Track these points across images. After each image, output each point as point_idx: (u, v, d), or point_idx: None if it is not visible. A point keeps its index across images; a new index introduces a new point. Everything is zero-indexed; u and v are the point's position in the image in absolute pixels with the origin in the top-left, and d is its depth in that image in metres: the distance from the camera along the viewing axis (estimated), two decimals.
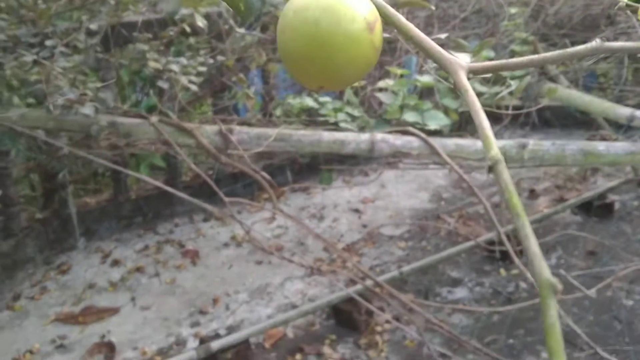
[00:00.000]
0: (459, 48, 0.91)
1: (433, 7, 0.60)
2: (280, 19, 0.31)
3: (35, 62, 1.63)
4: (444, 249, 2.71)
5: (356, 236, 2.97)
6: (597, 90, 3.07)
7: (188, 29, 1.82)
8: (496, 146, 0.29)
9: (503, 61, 0.32)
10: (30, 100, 2.75)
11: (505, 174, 0.29)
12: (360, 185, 3.34)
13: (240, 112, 3.06)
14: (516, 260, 1.84)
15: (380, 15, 0.31)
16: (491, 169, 0.29)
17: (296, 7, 0.30)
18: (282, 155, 2.37)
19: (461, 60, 0.30)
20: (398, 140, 1.79)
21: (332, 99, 2.28)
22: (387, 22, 0.31)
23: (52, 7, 1.92)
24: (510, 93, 1.14)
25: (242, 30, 2.00)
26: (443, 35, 0.76)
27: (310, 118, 2.29)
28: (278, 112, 2.50)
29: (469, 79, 0.30)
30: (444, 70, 0.30)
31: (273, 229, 3.02)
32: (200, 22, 1.48)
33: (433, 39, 0.84)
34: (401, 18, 0.31)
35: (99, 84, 1.85)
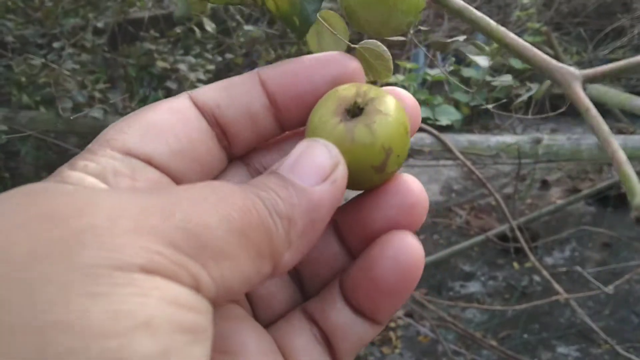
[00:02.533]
0: (477, 50, 0.88)
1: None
2: None
3: (43, 65, 1.62)
4: (455, 242, 2.69)
5: None
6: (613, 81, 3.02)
7: (197, 31, 1.79)
8: None
9: (622, 63, 0.26)
10: (38, 98, 2.76)
11: None
12: None
13: None
14: (530, 254, 1.81)
15: (465, 20, 0.29)
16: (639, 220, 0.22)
17: None
18: None
19: (574, 70, 0.25)
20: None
21: None
22: (475, 28, 0.28)
23: (58, 6, 1.90)
24: (531, 97, 1.11)
25: (250, 27, 1.97)
26: (461, 38, 0.73)
27: None
28: None
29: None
30: (553, 82, 0.26)
31: None
32: (209, 27, 1.45)
33: (451, 41, 0.81)
34: (491, 22, 0.28)
35: (107, 84, 1.83)
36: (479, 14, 0.29)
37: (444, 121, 1.90)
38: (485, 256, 2.66)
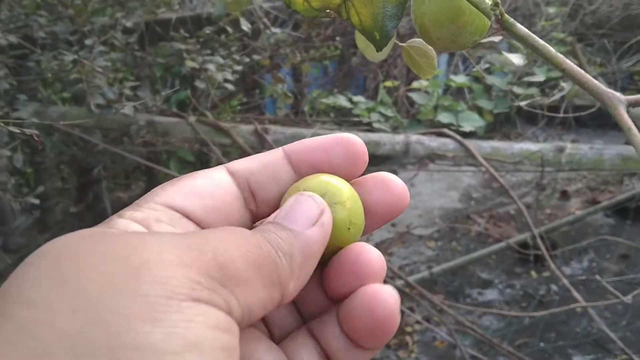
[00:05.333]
0: (513, 49, 0.90)
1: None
2: None
3: (74, 62, 1.65)
4: (474, 249, 2.70)
5: (385, 235, 2.97)
6: (633, 91, 3.02)
7: (229, 30, 1.82)
8: None
9: None
10: (65, 95, 2.80)
11: None
12: None
13: (267, 109, 3.06)
14: (550, 262, 1.82)
15: (528, 46, 0.32)
16: None
17: None
18: None
19: (620, 95, 0.29)
20: (433, 142, 1.78)
21: (365, 99, 2.27)
22: (537, 53, 0.31)
23: (88, 4, 1.93)
24: (562, 97, 1.13)
25: (276, 30, 2.00)
26: (497, 39, 0.75)
27: (344, 117, 2.29)
28: (306, 109, 2.50)
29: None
30: (602, 104, 0.30)
31: None
32: (245, 26, 1.48)
33: (487, 41, 0.83)
34: (552, 49, 0.31)
35: (135, 82, 1.86)
36: (541, 41, 0.32)
37: (467, 127, 1.91)
38: (503, 264, 2.66)
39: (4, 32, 1.80)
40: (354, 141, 0.31)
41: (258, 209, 0.30)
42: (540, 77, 0.88)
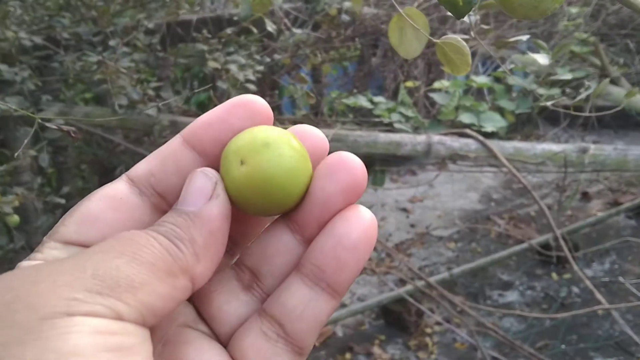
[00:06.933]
0: (538, 49, 0.89)
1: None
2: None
3: (99, 62, 1.67)
4: (494, 251, 2.68)
5: (404, 236, 2.96)
6: None
7: (253, 29, 1.83)
8: None
9: None
10: (86, 95, 2.82)
11: None
12: (409, 185, 3.32)
13: (284, 109, 3.07)
14: (573, 263, 1.81)
15: None
16: None
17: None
18: None
19: None
20: (455, 143, 1.78)
21: (386, 99, 2.27)
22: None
23: (110, 6, 1.95)
24: (586, 98, 1.12)
25: (298, 30, 2.00)
26: (524, 37, 0.75)
27: (363, 118, 2.28)
28: (326, 110, 2.50)
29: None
30: None
31: None
32: (270, 27, 1.48)
33: (513, 40, 0.83)
34: None
35: (158, 83, 1.88)
36: None
37: (489, 128, 1.90)
38: (524, 266, 2.65)
39: (28, 34, 1.83)
40: (253, 99, 0.30)
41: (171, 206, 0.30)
42: (567, 76, 0.88)
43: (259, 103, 0.30)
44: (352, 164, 0.29)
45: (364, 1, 2.43)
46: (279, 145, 0.28)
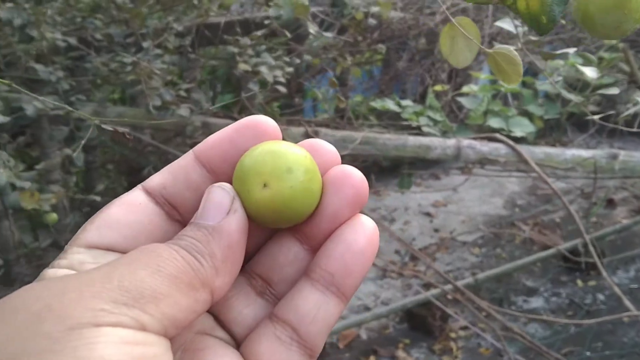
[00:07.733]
0: (586, 63, 0.90)
1: None
2: None
3: (133, 63, 1.69)
4: (518, 257, 2.67)
5: (428, 240, 2.96)
6: None
7: (287, 33, 1.84)
8: None
9: None
10: (115, 96, 2.85)
11: None
12: (433, 189, 3.32)
13: (306, 112, 3.08)
14: (602, 270, 1.80)
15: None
16: None
17: None
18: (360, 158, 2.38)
19: None
20: (485, 147, 1.78)
21: (413, 103, 2.28)
22: None
23: (141, 9, 1.98)
24: (613, 105, 1.12)
25: (328, 34, 2.01)
26: (571, 50, 0.75)
27: (390, 121, 2.29)
28: (351, 113, 2.51)
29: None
30: None
31: None
32: (312, 29, 1.50)
33: (560, 53, 0.83)
34: None
35: (190, 84, 1.90)
36: None
37: (517, 133, 1.90)
38: (549, 272, 2.63)
39: (62, 34, 1.86)
40: (263, 120, 0.31)
41: (184, 218, 0.31)
42: (614, 91, 0.88)
43: (269, 124, 0.31)
44: (356, 178, 0.30)
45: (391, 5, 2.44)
46: (299, 169, 0.29)
